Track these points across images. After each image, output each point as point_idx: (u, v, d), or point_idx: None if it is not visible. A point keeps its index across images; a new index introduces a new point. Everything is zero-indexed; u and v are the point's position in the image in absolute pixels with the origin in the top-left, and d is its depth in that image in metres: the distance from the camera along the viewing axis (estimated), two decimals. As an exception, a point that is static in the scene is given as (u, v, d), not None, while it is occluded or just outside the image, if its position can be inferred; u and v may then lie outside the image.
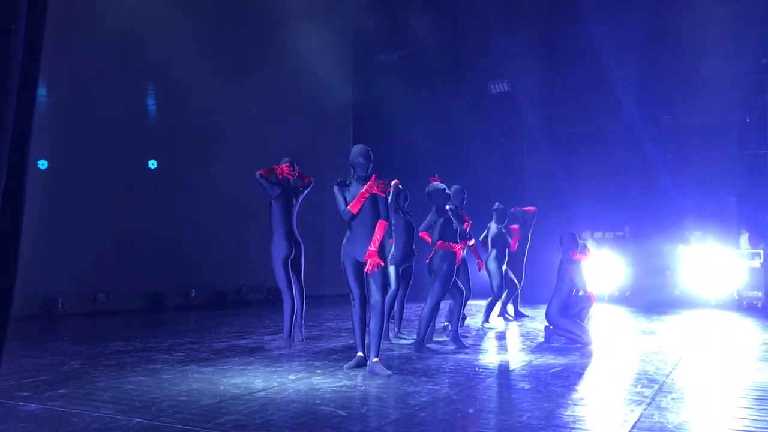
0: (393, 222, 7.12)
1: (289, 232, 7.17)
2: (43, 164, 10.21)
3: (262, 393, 4.76)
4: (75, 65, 10.42)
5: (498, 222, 9.41)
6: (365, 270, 5.52)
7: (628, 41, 13.36)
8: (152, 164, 11.52)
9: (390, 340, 7.52)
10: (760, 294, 12.26)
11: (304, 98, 14.56)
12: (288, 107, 14.20)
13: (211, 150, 12.42)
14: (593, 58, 13.67)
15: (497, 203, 9.56)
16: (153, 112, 11.99)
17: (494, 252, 9.34)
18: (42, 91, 9.23)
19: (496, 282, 9.26)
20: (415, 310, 10.07)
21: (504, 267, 9.38)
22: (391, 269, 7.27)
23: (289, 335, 7.06)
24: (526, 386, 5.17)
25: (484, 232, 9.44)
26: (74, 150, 10.57)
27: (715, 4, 13.19)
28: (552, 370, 5.78)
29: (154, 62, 11.36)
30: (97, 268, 10.70)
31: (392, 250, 7.31)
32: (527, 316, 10.38)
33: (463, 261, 7.97)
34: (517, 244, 9.70)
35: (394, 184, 6.97)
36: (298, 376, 5.43)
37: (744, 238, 13.17)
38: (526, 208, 10.43)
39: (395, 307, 7.74)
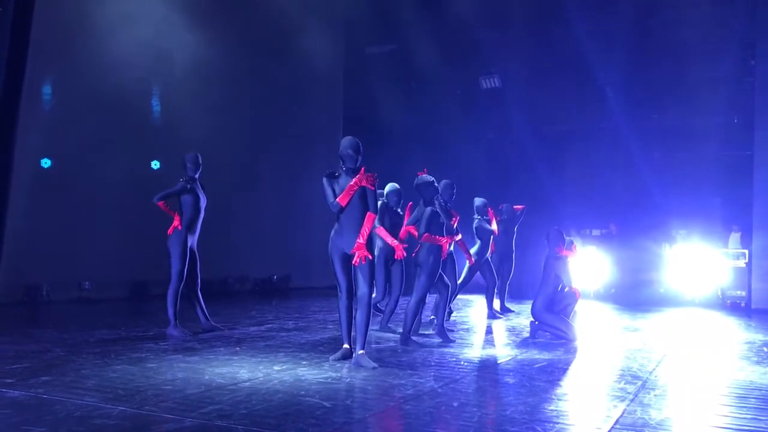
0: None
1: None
2: (46, 163, 10.45)
3: (247, 383, 4.76)
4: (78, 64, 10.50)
5: (479, 214, 9.46)
6: (353, 262, 5.53)
7: (616, 41, 13.40)
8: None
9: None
10: (743, 293, 12.36)
11: (294, 90, 14.50)
12: (278, 98, 14.13)
13: (192, 143, 12.30)
14: (581, 56, 13.70)
15: (477, 198, 9.62)
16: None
17: (478, 244, 9.37)
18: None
19: (462, 275, 9.27)
20: (401, 303, 10.06)
21: (488, 256, 9.42)
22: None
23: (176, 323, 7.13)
24: (511, 381, 5.20)
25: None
26: (62, 146, 10.59)
27: (703, 4, 13.26)
28: (536, 366, 5.80)
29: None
30: (83, 256, 10.63)
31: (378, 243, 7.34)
32: (513, 311, 10.41)
33: (450, 255, 7.99)
34: (495, 226, 9.61)
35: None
36: (284, 367, 5.43)
37: (735, 237, 13.26)
38: (516, 207, 10.45)
39: (391, 304, 7.81)
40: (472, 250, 9.27)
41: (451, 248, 7.93)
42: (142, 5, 11.03)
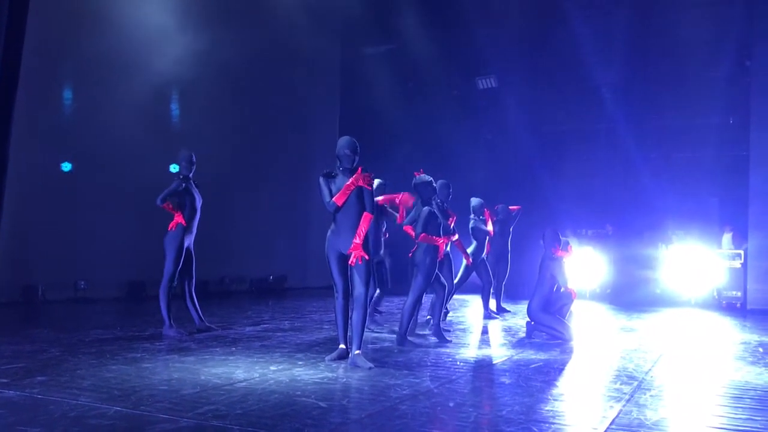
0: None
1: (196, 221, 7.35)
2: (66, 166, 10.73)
3: (243, 383, 4.75)
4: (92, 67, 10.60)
5: (475, 215, 9.46)
6: (349, 262, 5.52)
7: (614, 41, 13.43)
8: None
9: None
10: (739, 294, 12.39)
11: (291, 89, 14.49)
12: (275, 98, 14.12)
13: (189, 143, 12.27)
14: (578, 56, 13.73)
15: (473, 198, 9.62)
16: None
17: (474, 244, 9.37)
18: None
19: (459, 274, 9.27)
20: (397, 303, 10.08)
21: (484, 256, 9.43)
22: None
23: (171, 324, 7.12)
24: (507, 381, 5.19)
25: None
26: (62, 148, 10.62)
27: (700, 6, 13.28)
28: (533, 366, 5.81)
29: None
30: (79, 256, 10.61)
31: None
32: (509, 311, 10.42)
33: (447, 255, 7.99)
34: (491, 226, 9.60)
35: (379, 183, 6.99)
36: (280, 367, 5.42)
37: (727, 237, 13.28)
38: (511, 207, 10.44)
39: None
40: (468, 250, 9.27)
41: (448, 248, 7.93)
42: (143, 9, 11.04)
